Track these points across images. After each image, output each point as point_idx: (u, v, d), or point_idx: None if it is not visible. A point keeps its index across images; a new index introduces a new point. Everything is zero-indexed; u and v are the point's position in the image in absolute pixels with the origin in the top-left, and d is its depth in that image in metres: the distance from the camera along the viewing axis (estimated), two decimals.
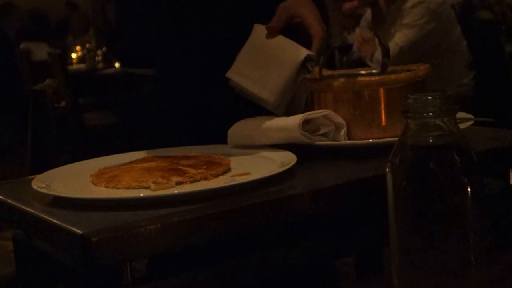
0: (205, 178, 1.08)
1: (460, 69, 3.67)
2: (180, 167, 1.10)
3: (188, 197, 0.99)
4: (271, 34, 1.38)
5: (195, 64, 1.54)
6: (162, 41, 1.54)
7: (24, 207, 1.07)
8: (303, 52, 1.40)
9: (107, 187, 1.08)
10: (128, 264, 0.92)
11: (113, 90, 5.64)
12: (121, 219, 0.94)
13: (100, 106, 5.39)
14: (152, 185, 1.04)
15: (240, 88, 1.42)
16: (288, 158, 1.13)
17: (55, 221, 0.97)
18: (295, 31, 1.41)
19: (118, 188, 1.07)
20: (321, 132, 1.22)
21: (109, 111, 5.21)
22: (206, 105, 1.52)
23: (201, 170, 1.09)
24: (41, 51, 6.13)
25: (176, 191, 1.02)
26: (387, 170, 0.86)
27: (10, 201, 1.12)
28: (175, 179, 1.06)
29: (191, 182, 1.07)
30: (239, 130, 1.27)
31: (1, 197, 1.15)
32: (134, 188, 1.05)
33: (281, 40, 1.44)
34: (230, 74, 1.44)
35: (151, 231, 0.90)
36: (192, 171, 1.09)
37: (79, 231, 0.90)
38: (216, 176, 1.09)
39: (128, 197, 1.02)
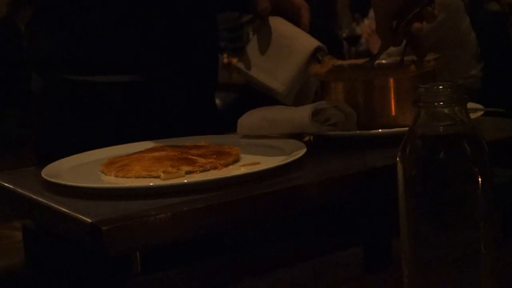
0: (215, 168, 1.08)
1: (469, 61, 3.66)
2: (190, 157, 1.10)
3: (198, 186, 0.99)
4: (264, 14, 1.37)
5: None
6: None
7: (33, 196, 1.07)
8: (314, 42, 1.40)
9: (116, 176, 1.08)
10: (138, 253, 0.92)
11: None
12: (131, 208, 0.94)
13: None
14: (162, 175, 1.04)
15: (248, 77, 1.42)
16: (297, 148, 1.13)
17: (65, 210, 0.97)
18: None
19: (128, 178, 1.07)
20: (331, 122, 1.22)
21: None
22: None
23: (211, 160, 1.09)
24: None
25: (186, 180, 1.02)
26: (398, 159, 0.86)
27: (19, 190, 1.12)
28: (185, 168, 1.06)
29: (200, 171, 1.07)
30: (248, 120, 1.27)
31: (10, 186, 1.15)
32: (144, 177, 1.05)
33: (291, 29, 1.44)
34: (238, 63, 1.44)
35: (161, 220, 0.90)
36: (202, 160, 1.09)
37: (89, 220, 0.90)
38: (226, 165, 1.09)
39: (138, 186, 1.02)
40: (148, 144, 1.25)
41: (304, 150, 1.11)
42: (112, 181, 1.07)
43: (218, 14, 1.64)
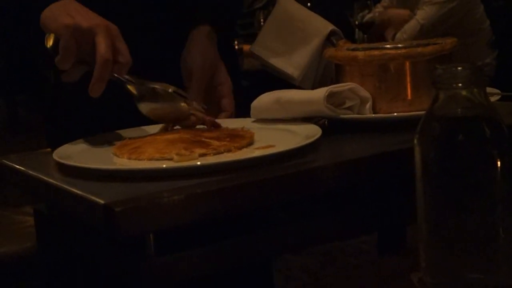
0: (229, 151, 1.07)
1: (483, 49, 3.64)
2: (204, 139, 1.09)
3: (211, 169, 0.99)
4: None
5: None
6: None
7: (46, 178, 1.07)
8: (328, 26, 1.39)
9: (129, 158, 1.07)
10: (151, 235, 0.91)
11: None
12: (144, 190, 0.93)
13: None
14: (175, 157, 1.03)
15: (264, 62, 1.41)
16: (312, 131, 1.12)
17: (78, 191, 0.96)
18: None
19: (141, 160, 1.06)
20: (346, 105, 1.20)
21: None
22: None
23: (225, 143, 1.08)
24: None
25: (199, 163, 1.01)
26: (415, 142, 0.85)
27: (31, 172, 1.12)
28: (199, 151, 1.05)
29: (214, 154, 1.06)
30: (263, 103, 1.26)
31: (22, 168, 1.14)
32: (157, 159, 1.05)
33: (305, 13, 1.42)
34: (254, 47, 1.43)
35: (174, 201, 0.89)
36: (216, 143, 1.08)
37: (102, 202, 0.89)
38: (240, 148, 1.08)
39: (151, 167, 1.01)
40: (161, 127, 1.25)
41: (319, 134, 1.10)
42: (125, 163, 1.06)
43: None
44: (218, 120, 1.24)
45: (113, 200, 0.89)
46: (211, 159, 1.04)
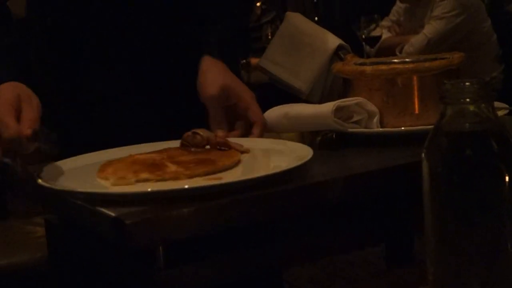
0: (175, 178, 1.03)
1: (490, 63, 3.64)
2: (165, 163, 1.07)
3: (125, 198, 0.96)
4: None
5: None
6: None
7: (56, 189, 1.07)
8: (336, 40, 1.40)
9: (98, 177, 1.06)
10: (161, 247, 0.92)
11: None
12: (153, 201, 0.94)
13: None
14: (112, 180, 1.02)
15: (272, 76, 1.42)
16: (303, 153, 1.08)
17: (88, 204, 0.97)
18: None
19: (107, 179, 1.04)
20: (354, 119, 1.21)
21: None
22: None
23: (182, 169, 1.04)
24: None
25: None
26: (423, 156, 0.85)
27: (42, 183, 1.12)
28: (142, 175, 1.02)
29: (156, 180, 1.02)
30: (271, 118, 1.27)
31: (33, 179, 1.15)
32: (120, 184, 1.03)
33: (313, 28, 1.43)
34: (262, 62, 1.44)
35: (184, 214, 0.90)
36: (171, 169, 1.05)
37: (112, 214, 0.90)
38: (191, 177, 1.03)
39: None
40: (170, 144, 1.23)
41: (305, 158, 1.06)
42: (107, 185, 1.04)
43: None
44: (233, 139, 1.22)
45: (123, 212, 0.90)
46: (140, 187, 1.01)
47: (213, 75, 1.34)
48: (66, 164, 1.18)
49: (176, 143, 1.21)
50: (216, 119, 1.29)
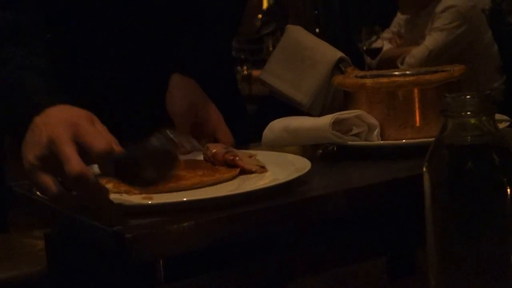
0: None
1: (491, 74, 3.65)
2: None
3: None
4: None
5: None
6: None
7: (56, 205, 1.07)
8: (337, 53, 1.40)
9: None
10: (161, 261, 0.91)
11: None
12: (154, 216, 0.94)
13: None
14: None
15: (273, 89, 1.42)
16: (303, 166, 1.08)
17: (88, 218, 0.97)
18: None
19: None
20: (354, 132, 1.21)
21: None
22: None
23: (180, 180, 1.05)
24: None
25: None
26: (424, 169, 0.85)
27: (41, 199, 1.12)
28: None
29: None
30: (272, 131, 1.27)
31: (32, 195, 1.15)
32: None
33: (314, 41, 1.43)
34: (263, 75, 1.44)
35: (184, 228, 0.89)
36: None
37: (112, 228, 0.90)
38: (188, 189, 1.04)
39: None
40: None
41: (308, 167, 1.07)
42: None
43: (239, 27, 1.64)
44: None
45: (123, 226, 0.90)
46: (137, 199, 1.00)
47: (181, 93, 1.36)
48: None
49: None
50: (184, 134, 1.30)
